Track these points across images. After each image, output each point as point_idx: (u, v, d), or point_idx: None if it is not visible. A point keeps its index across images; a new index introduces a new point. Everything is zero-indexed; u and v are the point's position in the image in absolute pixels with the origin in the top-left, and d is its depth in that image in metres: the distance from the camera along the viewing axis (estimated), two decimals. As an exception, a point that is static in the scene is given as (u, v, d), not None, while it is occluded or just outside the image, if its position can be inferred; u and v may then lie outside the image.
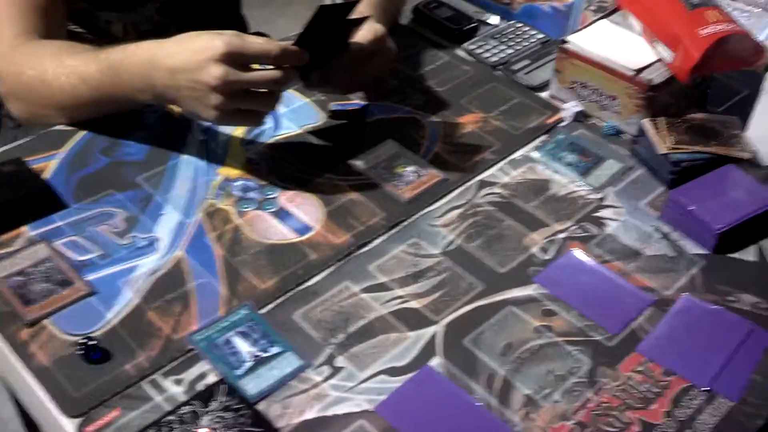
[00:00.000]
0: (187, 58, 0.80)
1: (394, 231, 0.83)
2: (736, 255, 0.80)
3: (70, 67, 0.87)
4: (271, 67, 0.81)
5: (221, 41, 0.79)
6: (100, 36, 1.07)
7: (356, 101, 1.00)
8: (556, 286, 0.77)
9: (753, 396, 0.66)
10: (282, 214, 0.84)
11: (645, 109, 0.93)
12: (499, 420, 0.65)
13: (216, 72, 0.78)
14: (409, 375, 0.68)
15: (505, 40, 1.12)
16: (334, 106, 1.00)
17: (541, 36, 1.13)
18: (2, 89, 0.93)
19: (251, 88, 0.81)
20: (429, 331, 0.72)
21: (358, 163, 0.91)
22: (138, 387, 0.66)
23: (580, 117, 0.99)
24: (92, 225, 0.81)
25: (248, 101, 0.82)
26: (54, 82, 0.88)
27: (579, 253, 0.80)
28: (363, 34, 0.89)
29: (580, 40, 0.97)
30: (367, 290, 0.76)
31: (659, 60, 0.94)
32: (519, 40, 1.12)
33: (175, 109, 0.94)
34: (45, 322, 0.71)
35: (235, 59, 0.79)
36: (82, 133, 0.93)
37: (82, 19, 1.05)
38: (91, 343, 0.68)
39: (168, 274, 0.76)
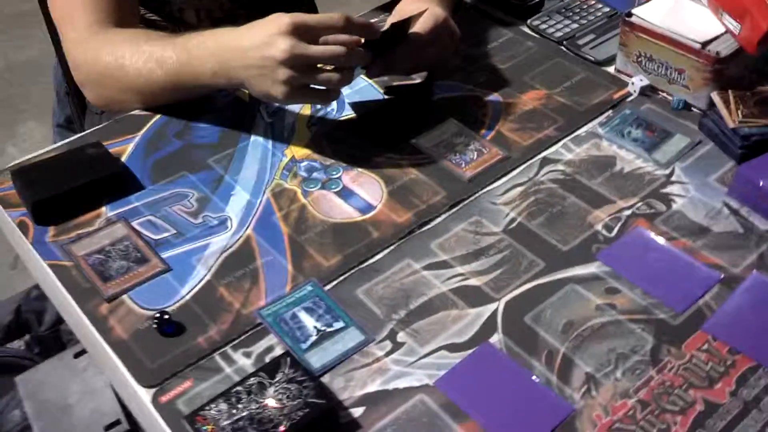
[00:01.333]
0: (256, 36, 0.83)
1: (455, 209, 0.83)
2: (807, 231, 0.78)
3: (146, 53, 0.91)
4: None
5: (288, 16, 0.81)
6: (174, 23, 1.10)
7: (418, 80, 1.01)
8: (620, 263, 0.76)
9: (820, 375, 0.65)
10: (345, 194, 0.86)
11: (713, 82, 0.91)
12: (559, 397, 0.66)
13: (283, 45, 0.80)
14: (469, 351, 0.69)
15: (570, 14, 1.11)
16: (396, 83, 1.00)
17: (607, 9, 1.11)
18: (79, 77, 0.97)
19: (319, 64, 0.83)
20: (489, 308, 0.73)
21: (420, 142, 0.92)
22: (209, 359, 0.70)
23: (647, 91, 0.97)
24: (167, 205, 0.85)
25: (316, 76, 0.83)
26: (130, 67, 0.91)
27: (644, 231, 0.79)
28: (423, 22, 0.91)
29: (646, 13, 0.95)
30: (428, 268, 0.77)
31: (726, 32, 0.91)
32: (584, 14, 1.11)
33: (245, 93, 0.97)
34: (123, 297, 0.75)
35: (302, 32, 0.81)
36: (156, 118, 0.96)
37: (155, 5, 1.08)
38: (165, 317, 0.71)
39: (238, 251, 0.79)
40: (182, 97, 0.95)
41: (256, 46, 0.82)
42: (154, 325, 0.71)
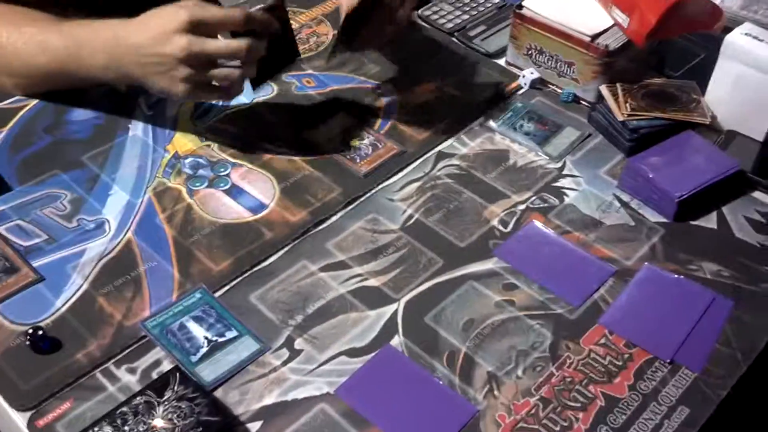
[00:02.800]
0: (151, 33, 0.78)
1: (351, 207, 0.81)
2: (696, 222, 0.80)
3: (27, 34, 0.83)
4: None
5: (183, 11, 0.76)
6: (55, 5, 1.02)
7: (309, 71, 0.98)
8: (516, 259, 0.76)
9: (716, 366, 0.67)
10: (235, 192, 0.81)
11: (602, 75, 0.92)
12: (463, 398, 0.64)
13: (181, 42, 0.76)
14: (370, 355, 0.67)
15: (461, 5, 1.10)
16: (287, 77, 0.97)
17: (497, 1, 1.11)
18: None
19: (219, 59, 0.78)
20: (389, 309, 0.71)
21: (313, 137, 0.88)
22: (90, 377, 0.64)
23: (538, 84, 0.97)
24: (37, 208, 0.78)
25: (216, 73, 0.79)
26: (9, 47, 0.84)
27: (539, 225, 0.79)
28: None
29: (536, 5, 0.95)
30: (325, 269, 0.74)
31: (615, 25, 0.92)
32: (475, 5, 1.10)
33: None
34: (-10, 312, 0.68)
35: (200, 28, 0.76)
36: (23, 111, 0.89)
37: None
38: (39, 332, 0.66)
39: (118, 257, 0.74)
40: (65, 86, 0.88)
41: (152, 44, 0.77)
42: (27, 342, 0.65)
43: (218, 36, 0.78)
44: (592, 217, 0.80)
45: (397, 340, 0.68)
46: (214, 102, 0.92)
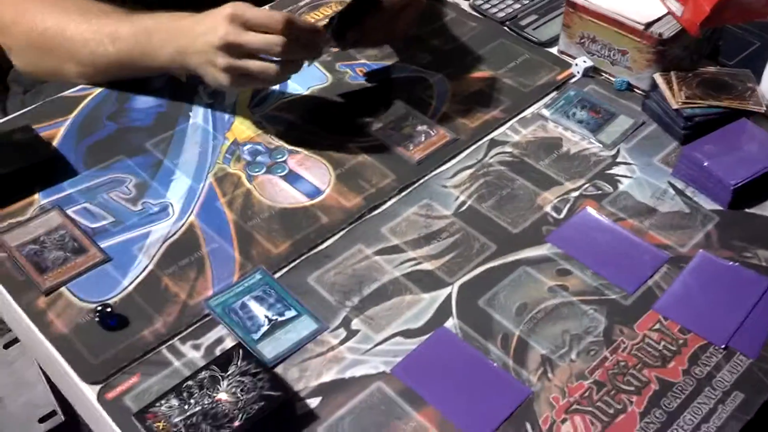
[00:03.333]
0: (203, 23, 0.81)
1: (405, 193, 0.82)
2: (751, 210, 0.80)
3: (96, 24, 0.87)
4: None
5: (229, 5, 0.79)
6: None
7: (363, 60, 0.99)
8: (570, 245, 0.76)
9: (771, 352, 0.67)
10: (292, 178, 0.83)
11: (656, 63, 0.92)
12: (516, 380, 0.65)
13: (220, 31, 0.79)
14: (425, 337, 0.68)
15: (513, -5, 1.10)
16: (341, 66, 0.98)
17: (549, -10, 1.11)
18: (6, 40, 0.91)
19: (254, 52, 0.81)
20: (443, 292, 0.72)
21: (367, 124, 0.90)
22: (156, 353, 0.67)
23: (591, 72, 0.97)
24: (103, 192, 0.81)
25: (251, 65, 0.81)
26: (77, 36, 0.87)
27: (592, 212, 0.80)
28: None
29: (590, -6, 0.95)
30: (379, 253, 0.76)
31: (669, 13, 0.92)
32: (527, -6, 1.11)
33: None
34: (61, 289, 0.71)
35: (239, 21, 0.79)
36: (87, 99, 0.92)
37: None
38: (108, 310, 0.68)
39: (181, 239, 0.76)
40: (126, 76, 0.91)
41: (202, 33, 0.81)
42: (96, 319, 0.68)
43: None
44: (646, 204, 0.81)
45: (451, 323, 0.70)
46: (271, 88, 0.94)
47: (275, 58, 0.81)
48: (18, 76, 1.09)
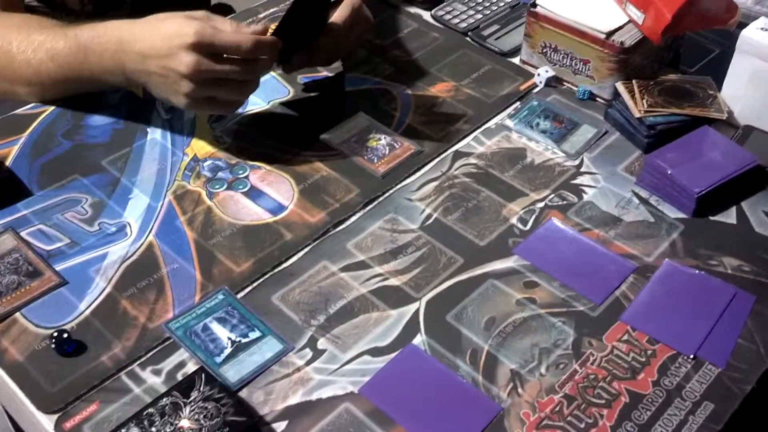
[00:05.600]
0: (157, 44, 0.78)
1: (370, 207, 0.81)
2: (715, 218, 0.80)
3: (36, 42, 0.84)
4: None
5: (192, 29, 0.76)
6: (56, 9, 1.03)
7: (324, 73, 0.98)
8: (536, 257, 0.76)
9: (740, 361, 0.66)
10: (254, 194, 0.82)
11: (618, 72, 0.92)
12: (486, 396, 0.64)
13: (187, 60, 0.77)
14: (393, 354, 0.67)
15: (474, 5, 1.10)
16: (302, 79, 0.97)
17: (509, 0, 1.11)
18: None
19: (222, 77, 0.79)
20: (411, 308, 0.71)
21: (330, 138, 0.89)
22: (116, 379, 0.65)
23: (553, 82, 0.97)
24: (58, 212, 0.78)
25: (220, 90, 0.80)
26: (19, 55, 0.84)
27: (558, 223, 0.79)
28: (341, 10, 0.88)
29: (550, 4, 0.95)
30: (345, 269, 0.74)
31: (630, 21, 0.92)
32: (487, 4, 1.10)
33: (139, 88, 0.91)
34: (16, 315, 0.69)
35: (207, 49, 0.77)
36: (42, 117, 0.90)
37: None
38: (64, 335, 0.66)
39: (140, 260, 0.74)
40: (77, 91, 0.89)
41: (159, 55, 0.78)
42: (53, 345, 0.66)
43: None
44: (611, 214, 0.80)
45: (419, 339, 0.69)
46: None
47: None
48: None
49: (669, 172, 0.80)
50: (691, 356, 0.67)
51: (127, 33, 0.81)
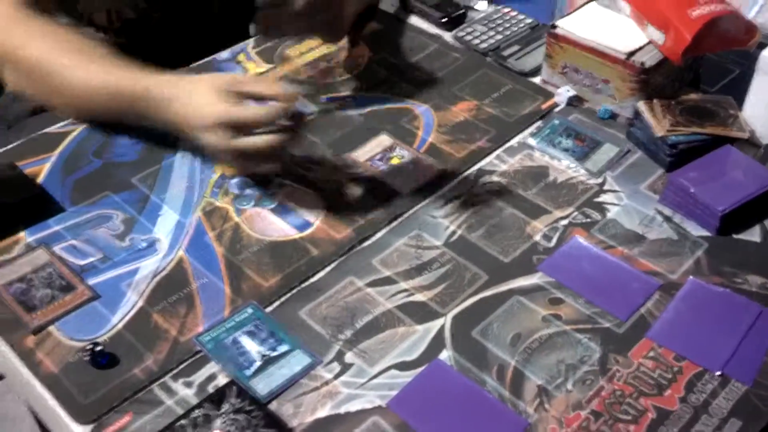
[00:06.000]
0: (188, 120, 0.81)
1: (395, 224, 0.82)
2: (740, 236, 0.80)
3: (94, 72, 0.86)
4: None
5: (218, 110, 0.78)
6: (83, 24, 1.05)
7: (346, 92, 1.00)
8: (561, 273, 0.76)
9: (766, 379, 0.67)
10: (281, 210, 0.83)
11: (639, 91, 0.93)
12: (513, 412, 0.65)
13: (214, 139, 0.79)
14: (420, 369, 0.68)
15: (494, 26, 1.12)
16: (324, 99, 0.99)
17: (529, 21, 1.12)
18: None
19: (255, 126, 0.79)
20: (437, 323, 0.72)
21: (354, 156, 0.90)
22: (148, 391, 0.66)
23: (574, 101, 0.98)
24: (90, 228, 0.80)
25: (255, 158, 0.81)
26: (72, 80, 0.86)
27: (582, 240, 0.80)
28: None
29: (570, 24, 0.97)
30: (371, 284, 0.75)
31: (650, 42, 0.94)
32: (508, 25, 1.12)
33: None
34: (50, 328, 0.70)
35: (232, 126, 0.78)
36: (72, 135, 0.91)
37: (65, 6, 1.02)
38: (97, 348, 0.67)
39: (170, 275, 0.75)
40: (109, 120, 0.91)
41: (191, 128, 0.81)
42: (86, 357, 0.67)
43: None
44: (634, 231, 0.81)
45: (445, 354, 0.69)
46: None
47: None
48: (0, 111, 1.08)
49: (692, 191, 0.81)
50: (718, 373, 0.67)
51: (159, 94, 0.83)
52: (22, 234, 0.78)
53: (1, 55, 0.90)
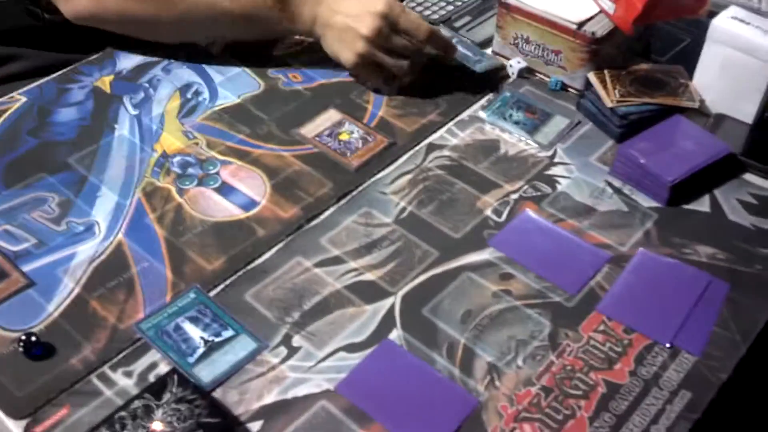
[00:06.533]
0: (352, 4, 0.89)
1: (343, 201, 0.80)
2: (689, 206, 0.80)
3: None
4: None
5: (383, 3, 0.87)
6: None
7: (296, 66, 0.97)
8: (511, 248, 0.75)
9: (716, 349, 0.67)
10: (225, 190, 0.80)
11: (589, 62, 0.92)
12: (464, 390, 0.64)
13: (371, 23, 0.87)
14: (369, 350, 0.66)
15: (445, -4, 1.09)
16: (273, 72, 0.96)
17: (481, -10, 1.10)
18: None
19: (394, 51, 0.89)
20: (386, 303, 0.70)
21: (302, 132, 0.88)
22: (86, 382, 0.63)
23: (525, 73, 0.97)
24: (25, 212, 0.77)
25: (389, 60, 0.89)
26: None
27: (532, 214, 0.79)
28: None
29: (522, -6, 0.95)
30: (319, 265, 0.73)
31: (601, 11, 0.92)
32: (459, -5, 1.10)
33: (106, 83, 0.90)
34: (-20, 319, 0.67)
35: (391, 21, 0.88)
36: (7, 114, 0.88)
37: None
38: (32, 338, 0.64)
39: (109, 259, 0.73)
40: (233, 35, 0.96)
41: (348, 14, 0.89)
42: (20, 348, 0.64)
43: None
44: (585, 204, 0.80)
45: (395, 334, 0.68)
46: (201, 98, 0.91)
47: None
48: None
49: (642, 162, 0.80)
50: (668, 345, 0.67)
51: None
52: (-50, 220, 0.75)
53: None
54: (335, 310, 0.70)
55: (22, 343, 0.64)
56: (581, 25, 0.90)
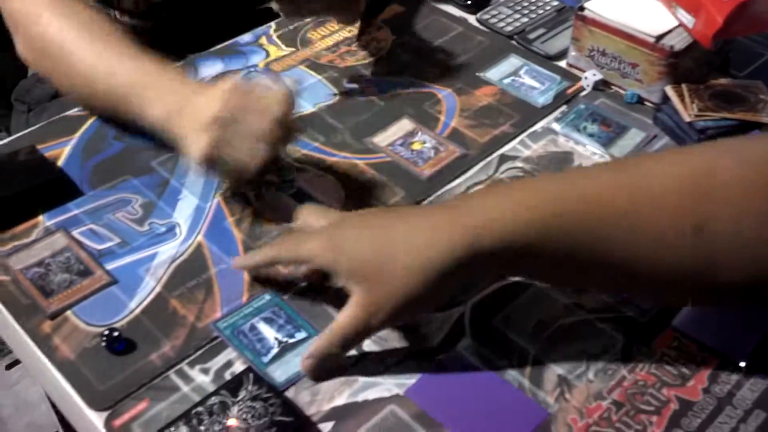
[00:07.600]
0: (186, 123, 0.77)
1: (416, 209, 0.81)
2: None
3: (97, 54, 0.84)
4: None
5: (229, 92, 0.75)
6: (110, 6, 1.04)
7: (370, 77, 0.99)
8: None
9: (793, 370, 0.65)
10: (301, 196, 0.82)
11: (667, 76, 0.91)
12: (533, 401, 0.64)
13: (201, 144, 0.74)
14: (439, 357, 0.67)
15: (519, 8, 1.10)
16: (347, 84, 0.98)
17: (556, 3, 1.10)
18: (10, 21, 0.89)
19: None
20: (457, 311, 0.71)
21: (375, 141, 0.89)
22: (165, 377, 0.65)
23: (601, 86, 0.96)
24: (109, 212, 0.80)
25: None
26: (76, 60, 0.84)
27: (606, 227, 0.78)
28: None
29: (598, 7, 0.95)
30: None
31: (680, 25, 0.91)
32: (533, 8, 1.10)
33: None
34: (67, 313, 0.70)
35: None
36: (93, 119, 0.91)
37: None
38: (115, 334, 0.67)
39: (189, 260, 0.75)
40: (109, 118, 0.89)
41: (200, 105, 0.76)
42: (103, 343, 0.67)
43: None
44: (660, 219, 0.79)
45: (465, 342, 0.68)
46: None
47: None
48: (22, 94, 1.08)
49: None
50: (743, 364, 0.66)
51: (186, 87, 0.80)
52: (40, 218, 0.78)
53: (15, 22, 0.89)
54: (406, 316, 0.70)
55: (105, 338, 0.67)
56: (660, 38, 0.90)
